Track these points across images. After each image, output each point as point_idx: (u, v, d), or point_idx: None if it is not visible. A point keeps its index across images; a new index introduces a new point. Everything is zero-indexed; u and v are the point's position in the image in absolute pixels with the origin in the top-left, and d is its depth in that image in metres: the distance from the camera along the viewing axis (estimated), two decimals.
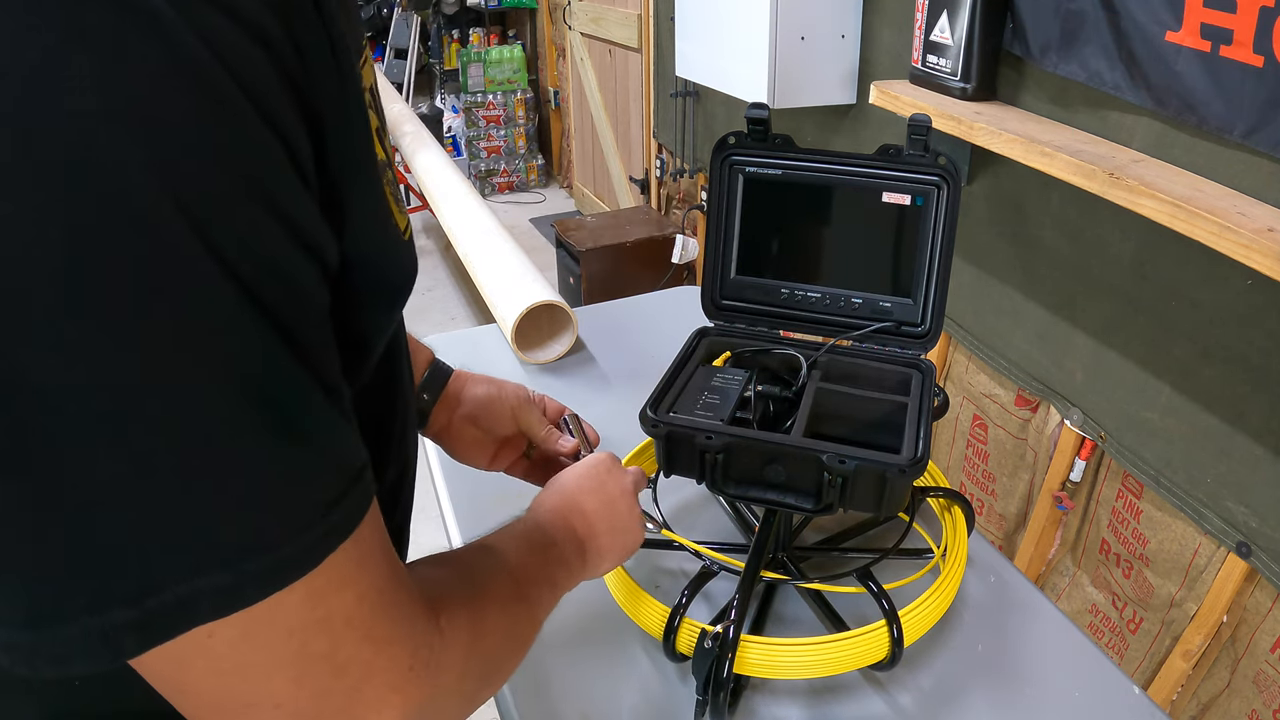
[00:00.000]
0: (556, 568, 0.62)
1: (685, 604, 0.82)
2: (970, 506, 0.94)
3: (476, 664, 0.46)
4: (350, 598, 0.37)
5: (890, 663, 0.78)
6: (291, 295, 0.35)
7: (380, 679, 0.39)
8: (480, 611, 0.48)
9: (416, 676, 0.41)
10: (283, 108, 0.34)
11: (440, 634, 0.43)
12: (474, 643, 0.46)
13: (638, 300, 1.67)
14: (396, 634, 0.40)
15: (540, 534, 0.63)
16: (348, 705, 0.38)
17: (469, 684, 0.46)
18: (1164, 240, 1.29)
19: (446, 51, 5.47)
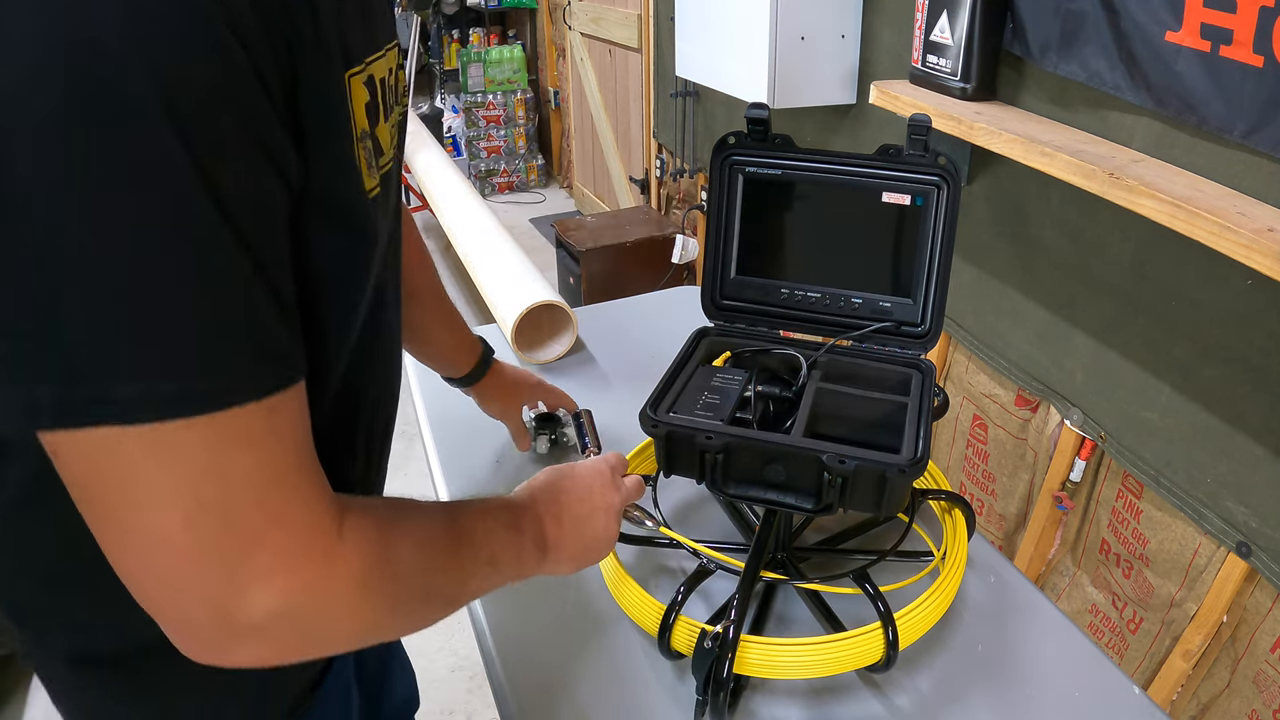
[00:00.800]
0: (506, 550, 0.62)
1: (681, 601, 0.82)
2: (971, 510, 0.94)
3: (376, 585, 0.47)
4: (251, 460, 0.41)
5: (885, 665, 0.78)
6: (249, 187, 0.40)
7: (269, 552, 0.42)
8: (393, 538, 0.49)
9: (305, 565, 0.43)
10: (257, 38, 0.40)
11: (340, 538, 0.45)
12: (377, 563, 0.47)
13: (638, 300, 1.67)
14: (292, 515, 0.43)
15: (508, 515, 0.65)
16: (233, 566, 0.41)
17: (364, 602, 0.47)
18: (1164, 240, 1.29)
19: (446, 51, 5.46)
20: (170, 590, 0.42)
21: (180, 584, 0.42)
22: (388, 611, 0.50)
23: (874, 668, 0.79)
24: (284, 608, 0.43)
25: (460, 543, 0.57)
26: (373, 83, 0.52)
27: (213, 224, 0.39)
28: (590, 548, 0.73)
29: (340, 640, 0.50)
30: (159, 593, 0.43)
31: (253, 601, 0.42)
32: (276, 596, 0.43)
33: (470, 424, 1.07)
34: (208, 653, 0.44)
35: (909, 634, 0.80)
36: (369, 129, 0.51)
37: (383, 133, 0.55)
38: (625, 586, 0.86)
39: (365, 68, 0.51)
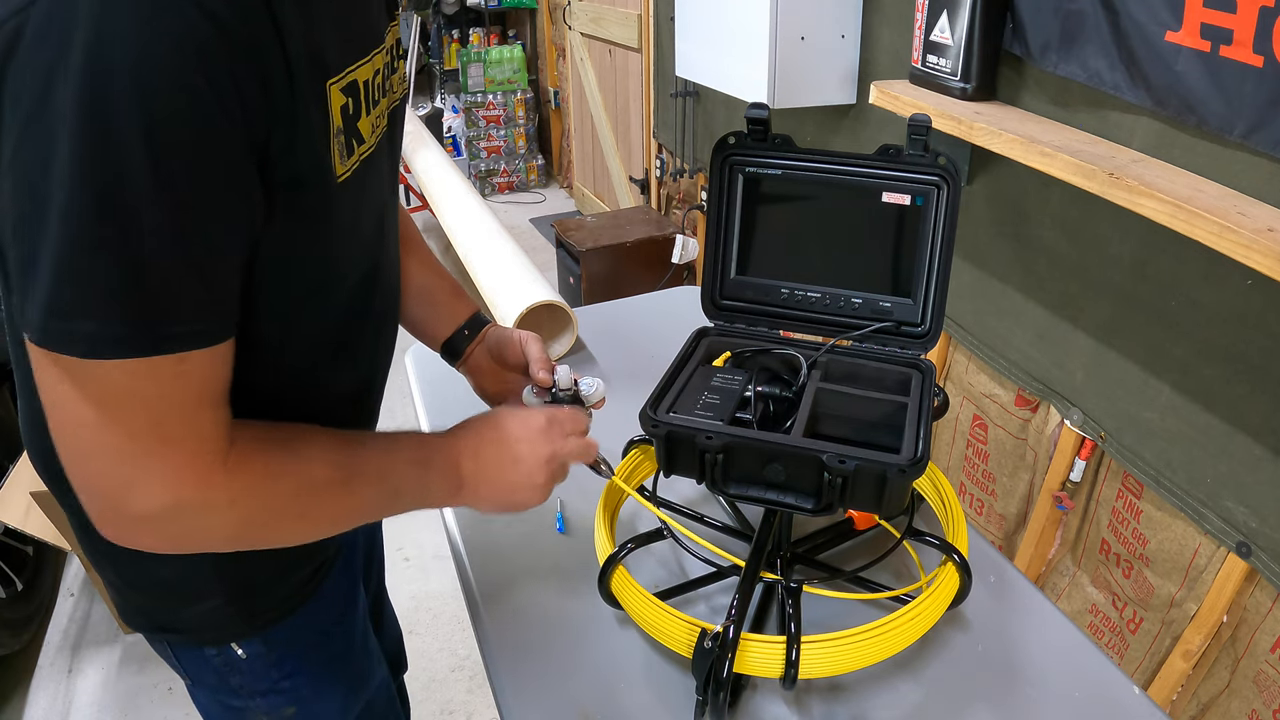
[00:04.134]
0: (408, 482, 0.72)
1: (622, 555, 0.88)
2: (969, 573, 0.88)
3: (247, 505, 0.61)
4: (155, 391, 0.54)
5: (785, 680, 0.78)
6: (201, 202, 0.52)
7: (157, 463, 0.56)
8: (275, 470, 0.62)
9: (186, 480, 0.57)
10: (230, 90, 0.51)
11: (222, 464, 0.58)
12: (251, 488, 0.60)
13: (638, 300, 1.67)
14: (181, 439, 0.56)
15: (416, 450, 0.74)
16: (129, 467, 0.55)
17: (234, 516, 0.60)
18: (1164, 240, 1.29)
19: (446, 51, 5.46)
20: (85, 477, 0.56)
21: (91, 473, 0.56)
22: (260, 526, 0.63)
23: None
24: (164, 509, 0.57)
25: (353, 475, 0.67)
26: (354, 86, 0.62)
27: (168, 223, 0.51)
28: (511, 491, 0.78)
29: (217, 540, 0.62)
30: (79, 478, 0.56)
31: (139, 498, 0.56)
32: (158, 498, 0.56)
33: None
34: (109, 532, 0.58)
35: (907, 636, 0.80)
36: (342, 126, 0.62)
37: (364, 125, 0.65)
38: (620, 577, 0.86)
39: (345, 75, 0.61)
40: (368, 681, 0.93)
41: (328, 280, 0.68)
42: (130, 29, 0.47)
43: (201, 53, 0.49)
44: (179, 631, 0.79)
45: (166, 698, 1.95)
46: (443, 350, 1.00)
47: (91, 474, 0.56)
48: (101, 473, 0.55)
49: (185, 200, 0.51)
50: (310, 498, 0.65)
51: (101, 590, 2.13)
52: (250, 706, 0.84)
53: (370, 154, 0.67)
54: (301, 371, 0.71)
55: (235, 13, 0.50)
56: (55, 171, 0.48)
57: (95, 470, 0.55)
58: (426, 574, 2.28)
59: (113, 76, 0.47)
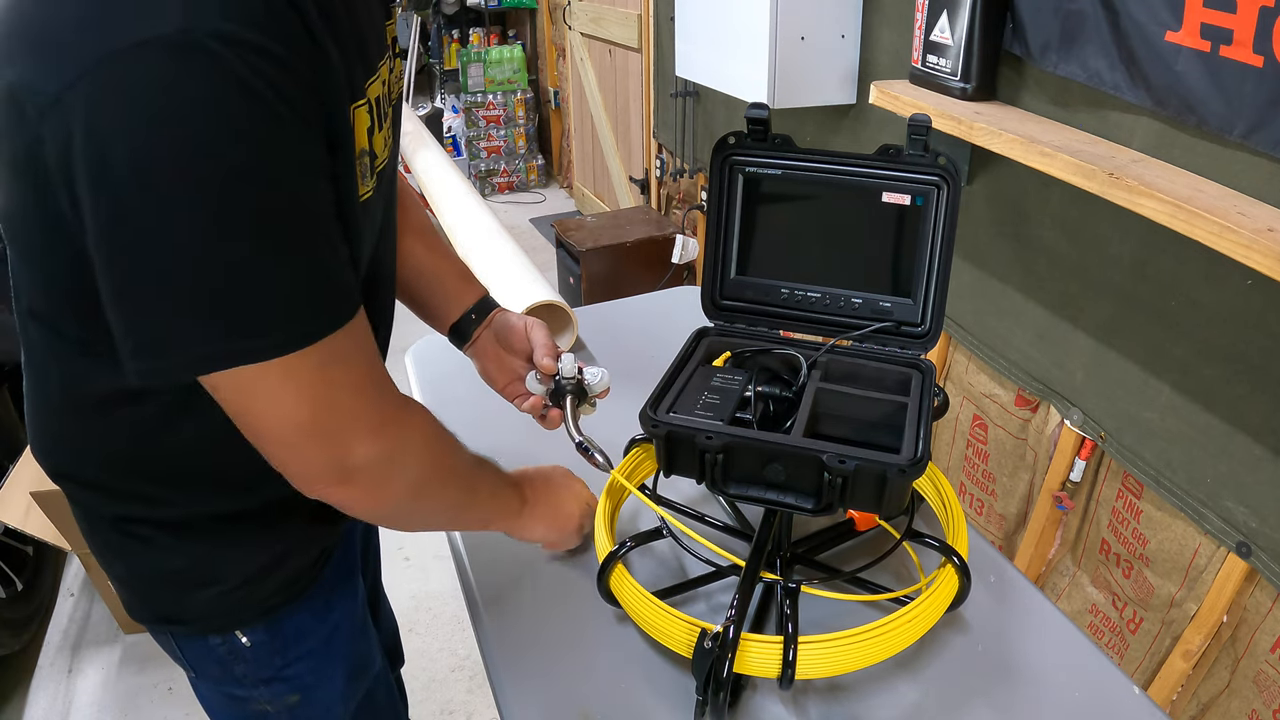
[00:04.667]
0: (496, 503, 0.85)
1: (623, 552, 0.90)
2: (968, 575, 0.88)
3: (435, 445, 0.72)
4: (343, 368, 0.62)
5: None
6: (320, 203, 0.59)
7: (362, 422, 0.64)
8: (436, 442, 0.73)
9: (389, 427, 0.66)
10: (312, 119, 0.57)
11: (408, 409, 0.69)
12: (426, 444, 0.71)
13: (638, 300, 1.67)
14: (375, 398, 0.65)
15: (504, 480, 0.87)
16: (341, 435, 0.63)
17: (429, 452, 0.71)
18: (1164, 240, 1.29)
19: (446, 51, 5.46)
20: (302, 457, 0.63)
21: (307, 453, 0.63)
22: (435, 480, 0.73)
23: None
24: (377, 455, 0.65)
25: (475, 481, 0.81)
26: (371, 105, 0.66)
27: (306, 226, 0.58)
28: (559, 521, 0.93)
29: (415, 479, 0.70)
30: (295, 461, 0.63)
31: (356, 454, 0.64)
32: (372, 448, 0.64)
33: (471, 425, 1.07)
34: (343, 498, 0.66)
35: (905, 637, 0.80)
36: (368, 146, 0.66)
37: (378, 141, 0.68)
38: (621, 579, 0.86)
39: (365, 96, 0.64)
40: (368, 669, 0.94)
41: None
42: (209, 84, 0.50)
43: (276, 90, 0.53)
44: (184, 622, 0.80)
45: (166, 698, 1.95)
46: (450, 333, 1.01)
47: (305, 456, 0.63)
48: (320, 445, 0.62)
49: (311, 216, 0.58)
50: (462, 467, 0.77)
51: (102, 590, 2.13)
52: (254, 696, 0.84)
53: (384, 168, 0.71)
54: None
55: (288, 51, 0.53)
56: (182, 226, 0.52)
57: (313, 445, 0.62)
58: (426, 574, 2.28)
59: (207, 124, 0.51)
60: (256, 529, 0.77)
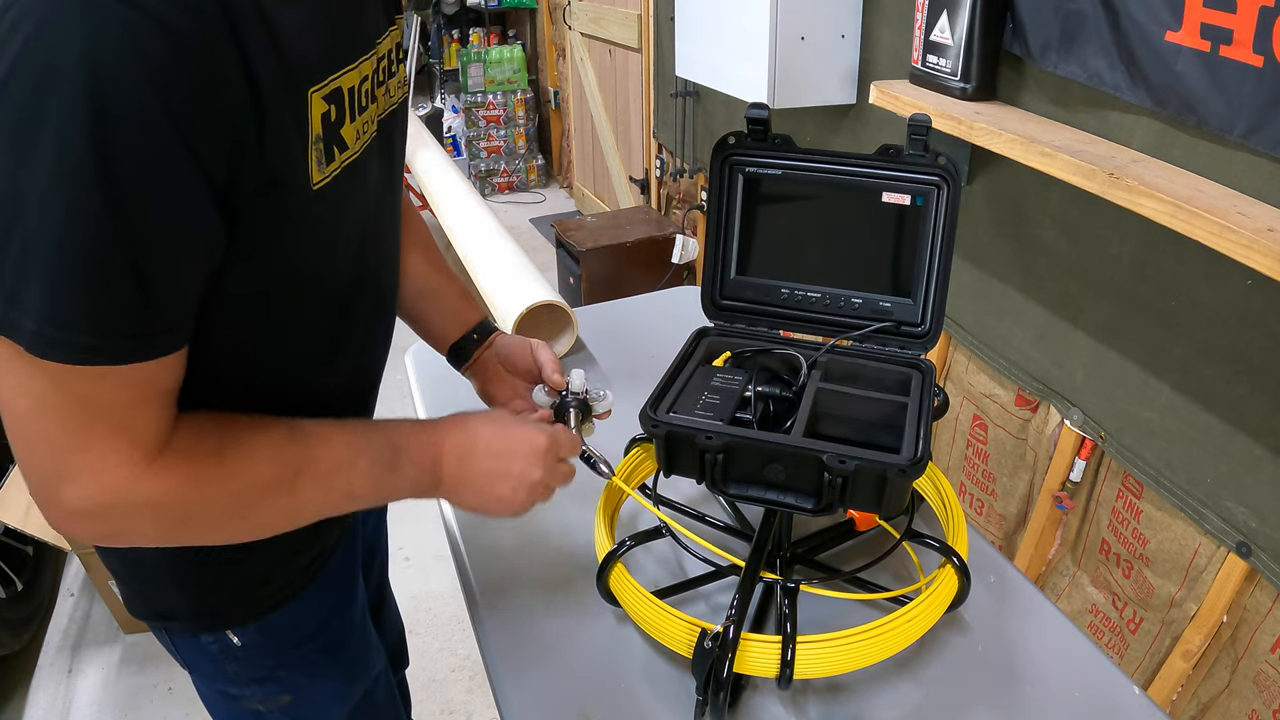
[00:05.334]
0: (367, 486, 0.70)
1: (622, 551, 0.89)
2: (968, 575, 0.88)
3: (172, 509, 0.61)
4: (88, 391, 0.55)
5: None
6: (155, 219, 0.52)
7: (85, 461, 0.56)
8: (206, 477, 0.61)
9: (110, 483, 0.57)
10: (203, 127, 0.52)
11: (148, 469, 0.58)
12: (177, 494, 0.60)
13: (638, 300, 1.67)
14: (110, 442, 0.57)
15: (386, 452, 0.71)
16: (59, 461, 0.56)
17: (160, 518, 0.61)
18: (1164, 240, 1.29)
19: (446, 51, 5.46)
20: (24, 464, 0.57)
21: (29, 461, 0.57)
22: (187, 527, 0.63)
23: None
24: (90, 506, 0.58)
25: (300, 473, 0.66)
26: (338, 94, 0.63)
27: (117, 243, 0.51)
28: (489, 503, 0.77)
29: (146, 538, 0.63)
30: (21, 463, 0.57)
31: (68, 493, 0.57)
32: (84, 497, 0.57)
33: None
34: (47, 518, 0.59)
35: (904, 638, 0.80)
36: (322, 133, 0.62)
37: (348, 131, 0.65)
38: (621, 579, 0.86)
39: (329, 83, 0.61)
40: (365, 672, 0.94)
41: (304, 286, 0.68)
42: (77, 36, 0.47)
43: (150, 62, 0.48)
44: (178, 619, 0.80)
45: (166, 698, 1.95)
46: (450, 351, 1.01)
47: (29, 461, 0.57)
48: (36, 463, 0.57)
49: (132, 218, 0.51)
50: (248, 500, 0.64)
51: (102, 590, 2.13)
52: (246, 694, 0.84)
53: (354, 160, 0.67)
54: (276, 373, 0.71)
55: (188, 22, 0.49)
56: (7, 171, 0.49)
57: (31, 460, 0.57)
58: (426, 574, 2.28)
59: (58, 86, 0.47)
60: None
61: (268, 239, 0.61)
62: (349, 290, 0.74)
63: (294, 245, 0.64)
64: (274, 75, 0.55)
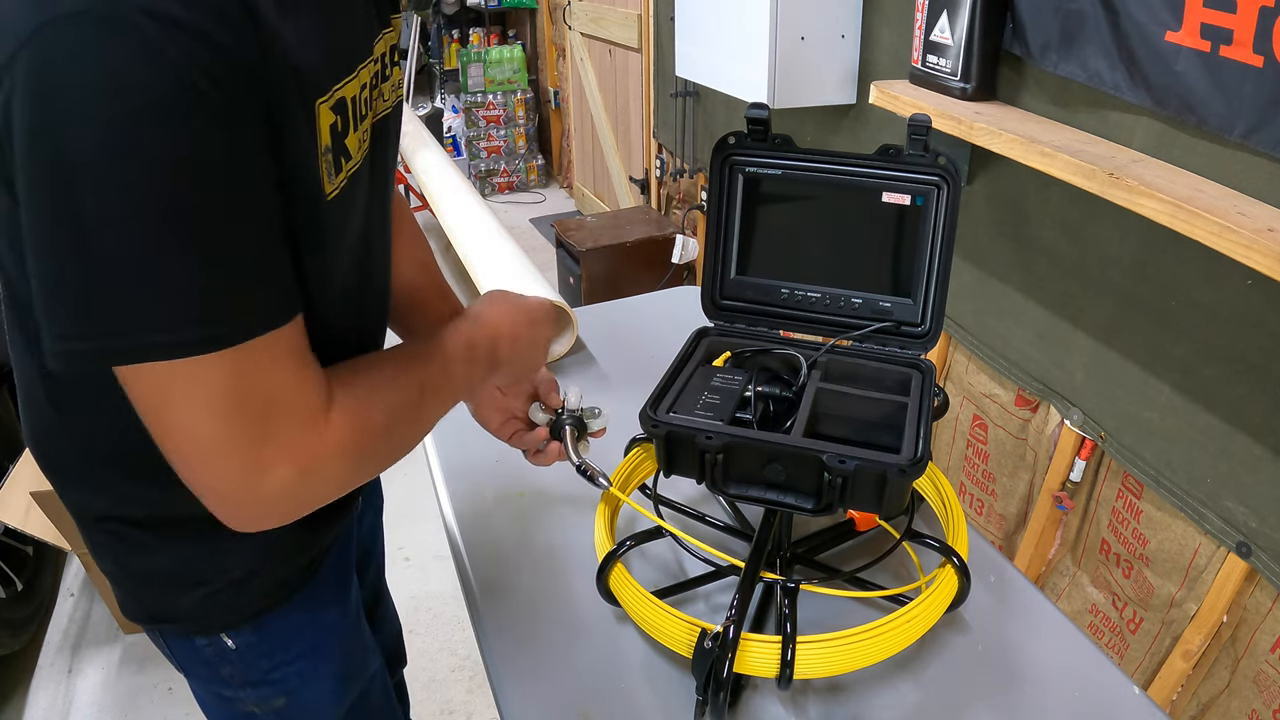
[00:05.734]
0: (463, 385, 0.78)
1: (621, 551, 0.89)
2: (968, 575, 0.88)
3: (356, 448, 0.64)
4: (257, 379, 0.57)
5: None
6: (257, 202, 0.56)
7: (281, 439, 0.58)
8: (369, 409, 0.66)
9: (305, 446, 0.60)
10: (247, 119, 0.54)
11: (328, 420, 0.62)
12: (356, 432, 0.64)
13: (638, 300, 1.67)
14: (294, 406, 0.59)
15: (466, 350, 0.79)
16: (253, 453, 0.57)
17: (347, 461, 0.64)
18: (1164, 240, 1.29)
19: (446, 51, 5.46)
20: (211, 480, 0.58)
21: (217, 471, 0.58)
22: (369, 461, 0.67)
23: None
24: (295, 478, 0.59)
25: (425, 395, 0.72)
26: (342, 104, 0.64)
27: (224, 222, 0.53)
28: (526, 368, 0.89)
29: (340, 487, 0.65)
30: (203, 484, 0.58)
31: (270, 483, 0.58)
32: (288, 472, 0.59)
33: (470, 423, 1.07)
34: (246, 522, 0.61)
35: (904, 638, 0.80)
36: (331, 144, 0.63)
37: (351, 141, 0.66)
38: (621, 580, 0.86)
39: (334, 94, 0.62)
40: (361, 674, 0.94)
41: (312, 296, 0.67)
42: (132, 63, 0.48)
43: (205, 73, 0.50)
44: (172, 621, 0.80)
45: (166, 698, 1.95)
46: None
47: (218, 474, 0.58)
48: (227, 469, 0.57)
49: (229, 200, 0.53)
50: (396, 425, 0.69)
51: (102, 590, 2.13)
52: (241, 697, 0.84)
53: (356, 170, 0.68)
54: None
55: (227, 34, 0.51)
56: (92, 206, 0.49)
57: (221, 469, 0.57)
58: (426, 574, 2.28)
59: (128, 116, 0.48)
60: (243, 533, 0.76)
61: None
62: (350, 300, 0.74)
63: (307, 257, 0.64)
64: (290, 89, 0.57)
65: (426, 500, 0.88)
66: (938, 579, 0.84)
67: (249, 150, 0.54)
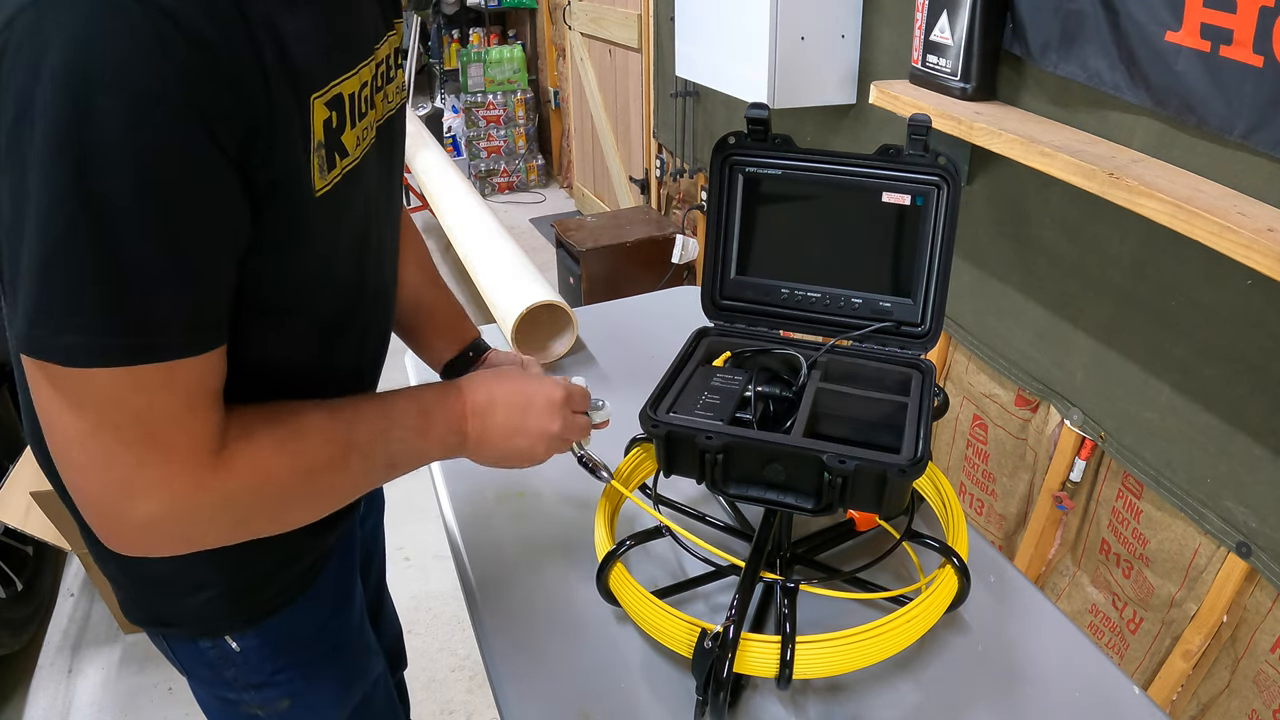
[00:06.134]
0: (404, 452, 0.73)
1: (621, 551, 0.89)
2: (968, 576, 0.88)
3: (244, 502, 0.61)
4: (145, 401, 0.54)
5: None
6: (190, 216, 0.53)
7: (152, 471, 0.56)
8: (271, 464, 0.62)
9: (181, 484, 0.57)
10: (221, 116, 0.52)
11: (214, 466, 0.59)
12: (247, 485, 0.61)
13: (638, 300, 1.67)
14: (175, 444, 0.56)
15: (416, 418, 0.73)
16: (124, 477, 0.56)
17: (231, 513, 0.61)
18: (1164, 240, 1.29)
19: (446, 51, 5.46)
20: (82, 491, 0.56)
21: (88, 486, 0.56)
22: (258, 517, 0.64)
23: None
24: (162, 514, 0.57)
25: (348, 450, 0.67)
26: (339, 100, 0.63)
27: (160, 241, 0.52)
28: (510, 457, 0.81)
29: (219, 537, 0.62)
30: (77, 492, 0.57)
31: (138, 507, 0.56)
32: (155, 506, 0.57)
33: None
34: (113, 543, 0.58)
35: (904, 638, 0.79)
36: (324, 140, 0.62)
37: (348, 138, 0.65)
38: (623, 581, 0.86)
39: (330, 89, 0.62)
40: (364, 676, 0.94)
41: (302, 292, 0.67)
42: (110, 43, 0.47)
43: (179, 67, 0.49)
44: (175, 625, 0.80)
45: (166, 698, 1.95)
46: (445, 368, 1.02)
47: (88, 487, 0.56)
48: (98, 485, 0.56)
49: (166, 211, 0.51)
50: (307, 482, 0.65)
51: (102, 590, 2.13)
52: (245, 700, 0.84)
53: (354, 167, 0.67)
54: (271, 380, 0.70)
55: (213, 29, 0.50)
56: (33, 180, 0.48)
57: (92, 483, 0.56)
58: (426, 574, 2.28)
59: (93, 89, 0.47)
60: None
61: (269, 244, 0.60)
62: (347, 297, 0.73)
63: (293, 252, 0.63)
64: (282, 82, 0.56)
65: (426, 500, 0.88)
66: (938, 579, 0.84)
67: (209, 176, 0.53)
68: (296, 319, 0.69)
